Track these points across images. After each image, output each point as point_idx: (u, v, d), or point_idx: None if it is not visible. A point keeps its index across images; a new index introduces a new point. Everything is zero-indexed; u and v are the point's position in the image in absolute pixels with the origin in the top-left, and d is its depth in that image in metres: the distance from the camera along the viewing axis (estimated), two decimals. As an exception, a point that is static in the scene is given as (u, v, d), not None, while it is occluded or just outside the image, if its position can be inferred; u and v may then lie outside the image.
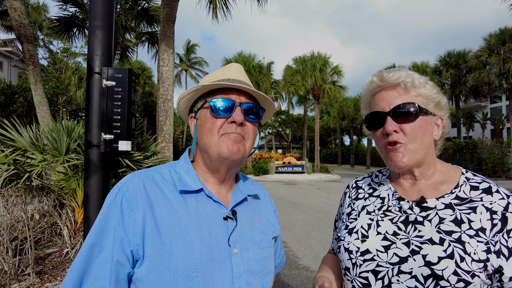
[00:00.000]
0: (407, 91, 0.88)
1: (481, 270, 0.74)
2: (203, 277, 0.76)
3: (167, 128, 6.41)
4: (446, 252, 0.76)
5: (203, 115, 0.87)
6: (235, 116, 0.84)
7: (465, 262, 0.74)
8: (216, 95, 0.86)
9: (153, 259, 0.74)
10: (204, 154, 0.88)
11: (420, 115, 0.85)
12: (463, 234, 0.77)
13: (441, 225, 0.80)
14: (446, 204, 0.83)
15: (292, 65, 25.95)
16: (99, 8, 2.36)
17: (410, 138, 0.85)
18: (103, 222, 0.76)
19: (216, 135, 0.84)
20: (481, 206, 0.80)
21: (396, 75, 0.88)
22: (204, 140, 0.85)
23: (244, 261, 0.83)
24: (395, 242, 0.84)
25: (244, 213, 0.91)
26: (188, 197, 0.83)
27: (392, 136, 0.86)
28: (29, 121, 12.58)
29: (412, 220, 0.85)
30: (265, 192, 1.07)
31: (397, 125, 0.86)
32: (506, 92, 21.79)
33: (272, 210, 1.05)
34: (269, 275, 0.90)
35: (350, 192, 1.09)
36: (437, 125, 0.91)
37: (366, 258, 0.86)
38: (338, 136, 43.03)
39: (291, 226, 7.02)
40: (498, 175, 20.66)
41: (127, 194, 0.77)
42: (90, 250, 0.74)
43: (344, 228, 0.99)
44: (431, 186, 0.89)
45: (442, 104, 0.91)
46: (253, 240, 0.88)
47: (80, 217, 3.81)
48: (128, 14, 12.61)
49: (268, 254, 0.91)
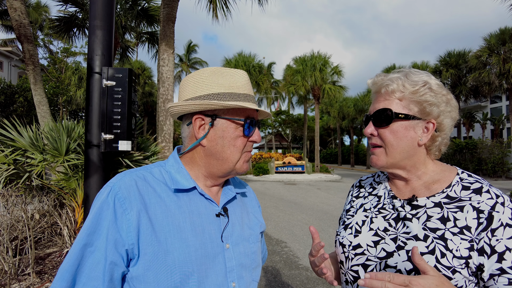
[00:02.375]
0: (388, 95, 0.89)
1: (463, 267, 0.76)
2: (199, 273, 0.78)
3: (167, 128, 6.42)
4: (428, 248, 0.79)
5: (226, 126, 0.86)
6: (256, 136, 0.90)
7: (445, 258, 0.76)
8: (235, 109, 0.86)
9: (149, 257, 0.75)
10: (213, 161, 0.88)
11: (394, 120, 0.87)
12: (447, 232, 0.80)
13: (427, 223, 0.83)
14: (435, 202, 0.86)
15: (292, 65, 25.97)
16: (99, 8, 2.36)
17: (385, 142, 0.89)
18: (95, 222, 0.75)
19: (240, 152, 0.88)
20: (469, 205, 0.81)
21: (384, 79, 0.90)
22: (225, 153, 0.86)
23: (236, 255, 0.87)
24: (384, 238, 0.88)
25: (234, 210, 0.94)
26: (180, 196, 0.84)
27: (371, 139, 0.93)
28: (29, 121, 12.59)
29: (402, 217, 0.88)
30: (250, 190, 1.11)
31: (374, 129, 0.91)
32: (506, 92, 21.77)
33: (257, 205, 1.09)
34: (258, 268, 0.95)
35: (353, 190, 1.13)
36: (427, 129, 0.88)
37: (357, 252, 0.90)
38: (338, 136, 43.04)
39: (291, 226, 7.01)
40: (498, 175, 20.67)
41: (119, 194, 0.77)
42: (82, 250, 0.74)
43: (342, 223, 1.04)
44: (423, 185, 0.91)
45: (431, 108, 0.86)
46: (243, 235, 0.92)
47: (80, 217, 3.81)
48: (128, 14, 12.61)
49: (257, 249, 0.96)
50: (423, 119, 0.88)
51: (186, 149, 0.91)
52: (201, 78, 0.86)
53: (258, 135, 0.91)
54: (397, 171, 0.92)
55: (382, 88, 0.90)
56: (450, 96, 0.90)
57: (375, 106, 0.92)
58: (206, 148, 0.88)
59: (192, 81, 0.87)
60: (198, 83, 0.86)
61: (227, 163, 0.87)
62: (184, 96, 0.88)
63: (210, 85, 0.85)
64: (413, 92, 0.87)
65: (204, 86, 0.85)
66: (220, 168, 0.88)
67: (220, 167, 0.88)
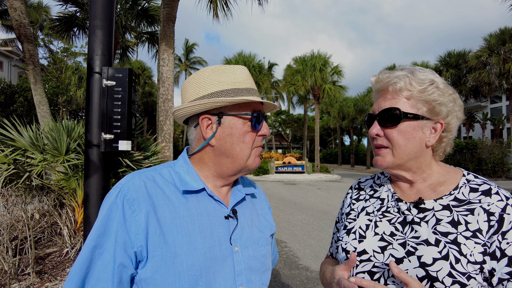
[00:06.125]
0: (396, 94, 0.85)
1: (477, 272, 0.72)
2: (207, 276, 0.77)
3: (167, 128, 6.42)
4: (441, 253, 0.75)
5: (233, 123, 0.85)
6: (265, 130, 0.88)
7: (460, 264, 0.73)
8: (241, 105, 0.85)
9: (157, 260, 0.74)
10: (223, 159, 0.86)
11: (402, 120, 0.83)
12: (459, 236, 0.76)
13: (437, 226, 0.79)
14: (443, 205, 0.82)
15: (293, 65, 25.97)
16: (99, 8, 2.36)
17: (392, 142, 0.85)
18: (104, 223, 0.75)
19: (250, 148, 0.86)
20: (479, 208, 0.78)
21: (390, 76, 0.86)
22: (235, 150, 0.85)
23: (244, 259, 0.85)
24: (392, 243, 0.83)
25: (243, 212, 0.92)
26: (189, 197, 0.83)
27: (376, 139, 0.88)
28: (29, 120, 12.58)
29: (409, 221, 0.84)
30: (260, 191, 1.08)
31: (380, 129, 0.87)
32: (506, 92, 21.75)
33: (267, 207, 1.06)
34: (267, 271, 0.92)
35: (352, 193, 1.08)
36: (434, 129, 0.85)
37: (363, 258, 0.85)
38: (338, 136, 43.02)
39: (291, 226, 7.01)
40: (498, 175, 20.67)
41: (128, 195, 0.76)
42: (91, 252, 0.73)
43: (343, 228, 0.98)
44: (429, 187, 0.88)
45: (440, 108, 0.84)
46: (253, 238, 0.90)
47: (80, 216, 3.82)
48: (128, 14, 12.61)
49: (267, 252, 0.93)
50: (431, 119, 0.84)
51: (194, 150, 0.89)
52: (202, 78, 0.85)
53: (267, 128, 0.89)
54: (402, 173, 0.89)
55: (389, 86, 0.85)
56: (456, 95, 0.86)
57: (380, 105, 0.87)
58: (215, 148, 0.86)
59: (194, 82, 0.86)
60: (200, 83, 0.85)
61: (238, 160, 0.85)
62: (188, 98, 0.86)
63: (212, 84, 0.84)
64: (421, 90, 0.83)
65: (206, 86, 0.84)
66: (231, 167, 0.86)
67: (231, 165, 0.86)
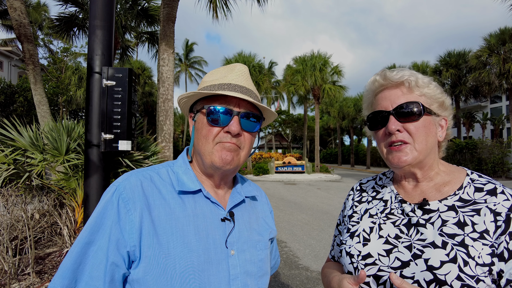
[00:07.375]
0: (410, 90, 0.85)
1: (486, 275, 0.70)
2: (200, 279, 0.76)
3: (167, 128, 6.41)
4: (449, 256, 0.73)
5: (200, 119, 0.85)
6: (231, 126, 0.81)
7: (468, 267, 0.71)
8: (214, 101, 0.83)
9: (150, 261, 0.73)
10: (199, 158, 0.87)
11: (424, 114, 0.83)
12: (467, 237, 0.74)
13: (443, 228, 0.77)
14: (449, 206, 0.81)
15: (293, 64, 25.94)
16: (99, 8, 2.36)
17: (414, 137, 0.83)
18: (99, 221, 0.74)
19: (211, 143, 0.82)
20: (485, 208, 0.76)
21: (399, 73, 0.86)
22: (199, 146, 0.84)
23: (241, 262, 0.83)
24: (397, 246, 0.81)
25: (241, 215, 0.90)
26: (185, 198, 0.82)
27: (396, 135, 0.84)
28: (29, 120, 12.57)
29: (414, 223, 0.82)
30: (262, 193, 1.06)
31: (400, 124, 0.84)
32: (506, 92, 21.77)
33: (269, 211, 1.04)
34: (265, 276, 0.90)
35: (354, 194, 1.06)
36: (441, 126, 0.88)
37: (368, 262, 0.83)
38: (338, 136, 43.01)
39: (291, 226, 7.01)
40: (498, 175, 20.65)
41: (124, 194, 0.76)
42: (84, 248, 0.72)
43: (346, 231, 0.96)
44: (433, 188, 0.87)
45: (446, 104, 0.88)
46: (250, 241, 0.88)
47: (80, 216, 3.81)
48: (128, 14, 12.60)
49: (265, 256, 0.91)
50: (440, 116, 0.87)
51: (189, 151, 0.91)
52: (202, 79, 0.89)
53: (234, 125, 0.81)
54: (417, 170, 0.87)
55: (405, 82, 0.85)
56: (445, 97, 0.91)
57: (394, 101, 0.85)
58: (194, 147, 0.88)
59: None
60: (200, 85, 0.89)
61: (203, 156, 0.83)
62: None
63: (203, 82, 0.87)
64: (430, 88, 0.86)
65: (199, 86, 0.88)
66: (204, 164, 0.85)
67: (204, 162, 0.85)
